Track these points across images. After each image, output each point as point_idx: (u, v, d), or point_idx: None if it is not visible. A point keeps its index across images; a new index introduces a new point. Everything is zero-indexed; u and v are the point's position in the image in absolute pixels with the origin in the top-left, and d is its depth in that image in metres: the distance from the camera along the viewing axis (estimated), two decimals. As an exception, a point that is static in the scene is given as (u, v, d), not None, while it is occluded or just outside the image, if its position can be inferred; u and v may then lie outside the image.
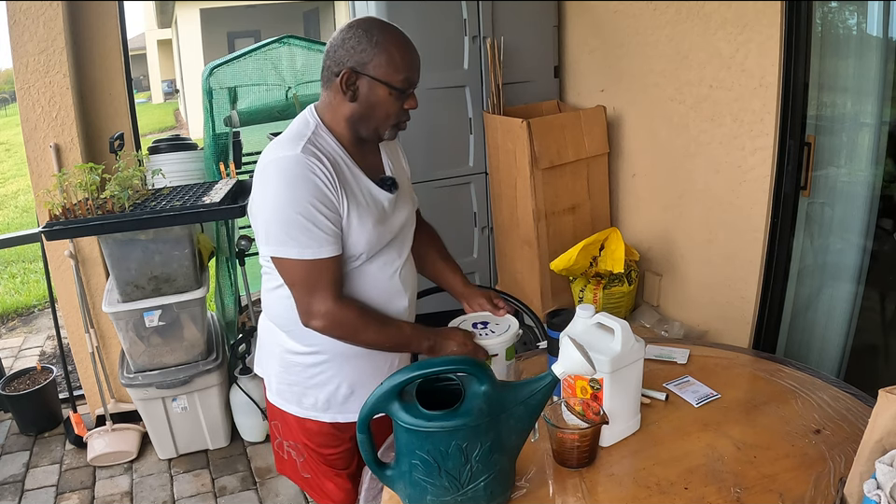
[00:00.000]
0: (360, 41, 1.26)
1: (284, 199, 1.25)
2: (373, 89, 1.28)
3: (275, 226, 1.27)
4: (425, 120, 2.74)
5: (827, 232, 2.30)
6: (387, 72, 1.27)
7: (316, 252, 1.26)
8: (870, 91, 2.08)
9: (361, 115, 1.31)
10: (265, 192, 1.28)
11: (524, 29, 2.91)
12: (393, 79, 1.27)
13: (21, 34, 2.47)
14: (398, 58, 1.27)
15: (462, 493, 1.06)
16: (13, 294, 5.01)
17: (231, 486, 2.53)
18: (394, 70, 1.27)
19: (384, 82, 1.27)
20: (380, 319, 1.37)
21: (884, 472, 0.91)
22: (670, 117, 2.57)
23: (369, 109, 1.30)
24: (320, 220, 1.25)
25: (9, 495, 2.52)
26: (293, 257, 1.26)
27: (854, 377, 2.09)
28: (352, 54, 1.27)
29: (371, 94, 1.29)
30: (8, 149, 12.47)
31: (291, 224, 1.25)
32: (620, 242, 2.60)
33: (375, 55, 1.26)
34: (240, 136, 2.96)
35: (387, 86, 1.28)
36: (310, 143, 1.29)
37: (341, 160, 1.33)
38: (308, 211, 1.24)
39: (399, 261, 1.44)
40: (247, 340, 2.79)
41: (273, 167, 1.27)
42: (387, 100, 1.29)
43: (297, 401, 1.46)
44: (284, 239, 1.26)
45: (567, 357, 1.11)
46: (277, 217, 1.26)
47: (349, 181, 1.32)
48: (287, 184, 1.25)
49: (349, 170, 1.33)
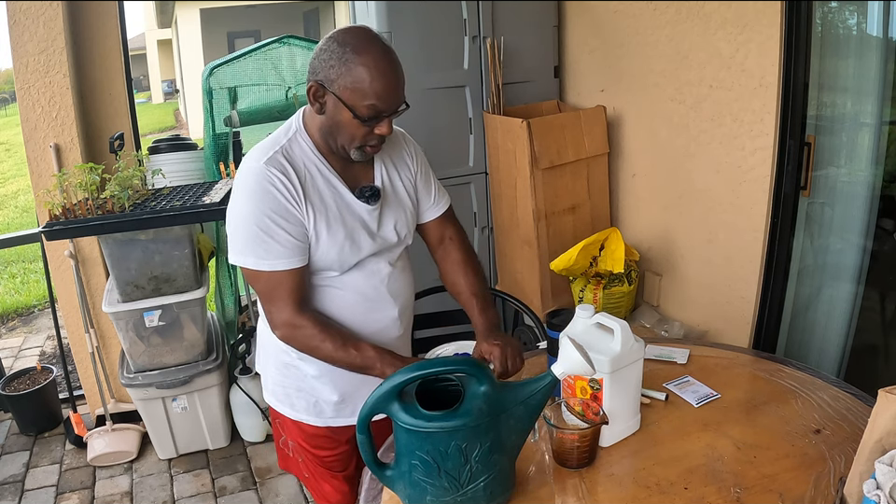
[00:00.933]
0: (332, 56, 1.20)
1: (244, 210, 1.26)
2: (338, 108, 1.22)
3: (236, 235, 1.28)
4: (425, 120, 2.74)
5: (827, 232, 2.30)
6: (352, 96, 1.20)
7: (273, 264, 1.26)
8: (870, 91, 2.08)
9: (328, 129, 1.27)
10: (232, 201, 1.29)
11: (524, 29, 2.91)
12: (356, 104, 1.20)
13: (20, 34, 2.47)
14: (366, 83, 1.18)
15: (462, 493, 1.06)
16: (13, 294, 5.01)
17: (231, 486, 2.53)
18: (360, 96, 1.19)
19: (347, 105, 1.21)
20: (341, 336, 1.29)
21: (883, 472, 0.91)
22: (670, 117, 2.57)
23: (334, 126, 1.26)
24: (277, 233, 1.25)
25: (9, 495, 2.52)
26: (250, 267, 1.27)
27: (854, 377, 2.09)
28: (323, 67, 1.22)
29: (336, 113, 1.23)
30: (8, 149, 12.47)
31: (249, 235, 1.25)
32: (620, 242, 2.60)
33: (342, 75, 1.19)
34: (240, 136, 2.96)
35: (350, 110, 1.21)
36: (282, 152, 1.28)
37: (316, 168, 1.30)
38: (265, 224, 1.24)
39: (386, 270, 1.40)
40: (247, 340, 2.79)
41: (240, 177, 1.29)
42: (351, 123, 1.23)
43: (290, 404, 1.46)
44: (242, 249, 1.27)
45: (567, 358, 1.11)
46: (238, 227, 1.27)
47: (321, 191, 1.30)
48: (248, 196, 1.26)
49: (324, 179, 1.31)
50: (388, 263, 1.41)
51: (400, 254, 1.46)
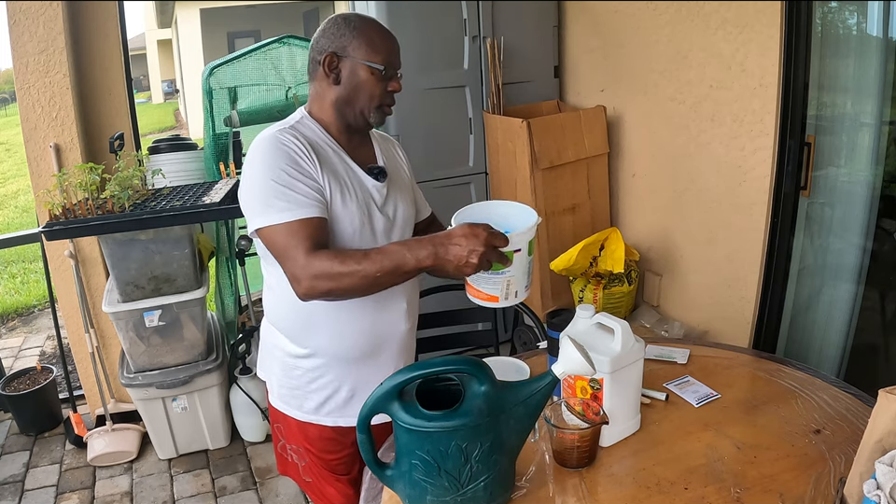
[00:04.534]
0: (339, 28, 1.33)
1: (259, 171, 1.27)
2: (355, 70, 1.32)
3: (255, 199, 1.27)
4: (425, 120, 2.74)
5: (827, 232, 2.30)
6: (367, 53, 1.31)
7: (296, 213, 1.23)
8: (870, 91, 2.08)
9: (346, 98, 1.34)
10: (244, 174, 1.30)
11: (524, 29, 2.91)
12: (373, 59, 1.32)
13: (21, 34, 2.47)
14: (377, 41, 1.32)
15: (462, 493, 1.06)
16: (13, 294, 5.01)
17: (231, 486, 2.53)
18: (373, 51, 1.32)
19: (365, 62, 1.31)
20: (359, 252, 1.22)
21: (884, 472, 0.91)
22: (670, 117, 2.57)
23: (352, 91, 1.33)
24: (296, 185, 1.24)
25: (9, 495, 2.52)
26: (274, 222, 1.23)
27: (854, 377, 2.09)
28: (332, 40, 1.33)
29: (353, 76, 1.32)
30: (8, 149, 12.46)
31: (268, 191, 1.24)
32: (620, 242, 2.60)
33: (354, 38, 1.31)
34: (240, 136, 2.96)
35: (368, 66, 1.31)
36: (291, 128, 1.33)
37: (326, 144, 1.35)
38: (281, 176, 1.24)
39: None
40: (247, 340, 2.79)
41: (251, 150, 1.31)
42: (370, 80, 1.32)
43: (298, 405, 1.46)
44: (263, 208, 1.24)
45: (567, 358, 1.11)
46: (255, 189, 1.27)
47: (333, 163, 1.34)
48: (262, 158, 1.27)
49: (335, 153, 1.35)
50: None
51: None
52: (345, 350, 1.39)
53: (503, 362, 1.57)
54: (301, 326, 1.38)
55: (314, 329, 1.37)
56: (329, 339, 1.38)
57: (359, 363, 1.41)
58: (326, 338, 1.38)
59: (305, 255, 1.21)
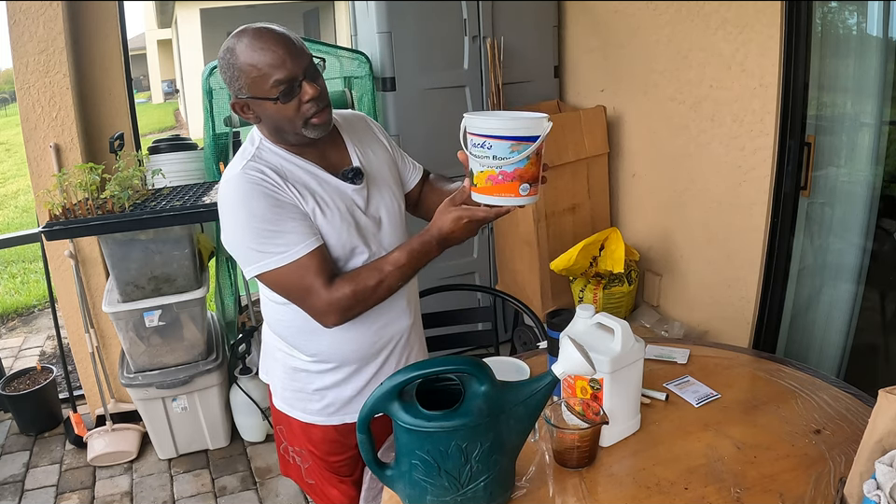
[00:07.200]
0: (226, 71, 1.24)
1: (243, 218, 1.23)
2: (260, 106, 1.24)
3: (246, 247, 1.24)
4: (425, 120, 2.74)
5: (827, 232, 2.30)
6: (256, 87, 1.22)
7: (296, 251, 1.23)
8: (870, 91, 2.08)
9: (274, 129, 1.28)
10: (224, 221, 1.27)
11: (524, 29, 2.91)
12: (265, 92, 1.21)
13: (21, 34, 2.47)
14: (256, 68, 1.20)
15: (462, 493, 1.06)
16: (13, 294, 5.01)
17: (231, 486, 2.53)
18: (261, 82, 1.21)
19: (260, 98, 1.22)
20: (371, 269, 1.27)
21: (884, 472, 0.91)
22: (670, 117, 2.57)
23: (274, 123, 1.27)
24: (284, 224, 1.23)
25: (9, 495, 2.52)
26: (276, 266, 1.23)
27: (854, 377, 2.09)
28: (230, 84, 1.25)
29: (263, 112, 1.25)
30: (8, 149, 12.47)
31: (258, 237, 1.22)
32: (620, 242, 2.60)
33: (239, 77, 1.22)
34: (240, 136, 2.96)
35: (266, 100, 1.22)
36: (253, 160, 1.28)
37: (291, 164, 1.30)
38: (267, 218, 1.22)
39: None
40: (247, 340, 2.79)
41: (222, 193, 1.27)
42: (277, 109, 1.23)
43: (302, 407, 1.45)
44: (259, 255, 1.23)
45: (567, 358, 1.11)
46: (244, 237, 1.24)
47: (306, 181, 1.30)
48: (239, 203, 1.24)
49: (305, 171, 1.31)
50: (392, 245, 1.39)
51: (400, 236, 1.45)
52: (350, 353, 1.39)
53: (503, 362, 1.57)
54: (303, 335, 1.38)
55: (316, 337, 1.37)
56: (331, 344, 1.38)
57: (364, 363, 1.41)
58: (329, 344, 1.37)
59: (325, 289, 1.23)
